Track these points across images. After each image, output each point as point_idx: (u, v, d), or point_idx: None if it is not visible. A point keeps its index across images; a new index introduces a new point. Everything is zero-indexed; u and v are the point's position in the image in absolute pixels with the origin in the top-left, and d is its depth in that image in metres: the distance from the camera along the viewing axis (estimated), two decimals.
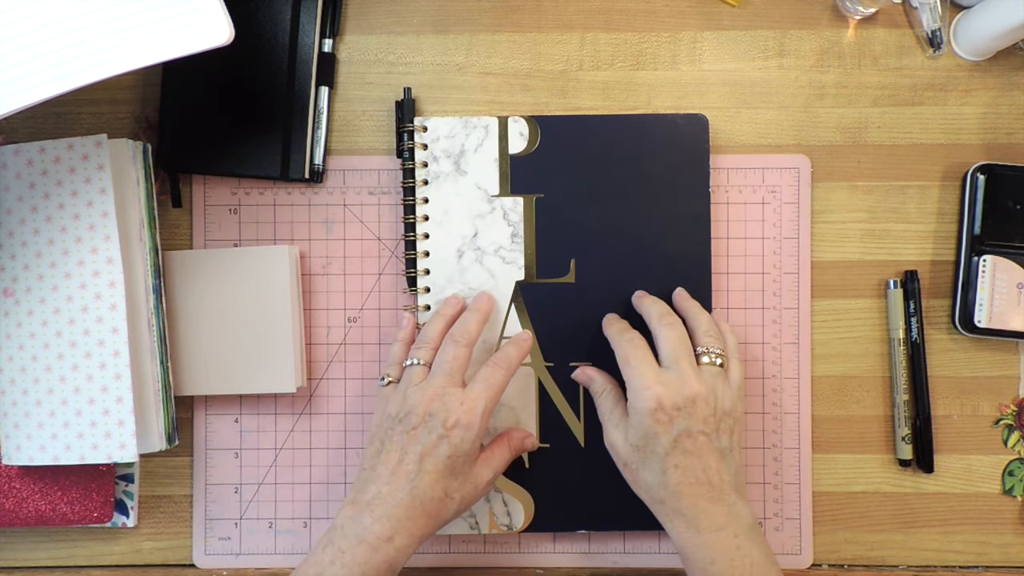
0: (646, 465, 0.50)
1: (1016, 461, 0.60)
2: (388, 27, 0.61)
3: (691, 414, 0.49)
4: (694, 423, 0.49)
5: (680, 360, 0.50)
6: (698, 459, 0.49)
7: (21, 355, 0.54)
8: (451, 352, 0.52)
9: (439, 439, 0.49)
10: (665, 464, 0.49)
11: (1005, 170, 0.58)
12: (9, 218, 0.54)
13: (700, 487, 0.49)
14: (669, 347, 0.51)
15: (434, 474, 0.49)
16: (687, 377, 0.50)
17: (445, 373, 0.51)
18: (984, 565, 0.60)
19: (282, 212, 0.60)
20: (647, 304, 0.54)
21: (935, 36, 0.59)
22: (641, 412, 0.50)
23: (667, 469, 0.49)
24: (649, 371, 0.50)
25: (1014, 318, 0.58)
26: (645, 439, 0.50)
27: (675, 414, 0.49)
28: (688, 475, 0.49)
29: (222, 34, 0.45)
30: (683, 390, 0.49)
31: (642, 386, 0.50)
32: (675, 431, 0.49)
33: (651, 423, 0.49)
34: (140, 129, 0.60)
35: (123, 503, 0.60)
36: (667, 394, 0.49)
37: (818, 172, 0.60)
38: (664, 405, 0.49)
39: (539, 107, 0.60)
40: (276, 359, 0.57)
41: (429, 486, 0.49)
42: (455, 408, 0.50)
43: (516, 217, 0.58)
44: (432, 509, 0.49)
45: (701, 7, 0.60)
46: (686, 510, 0.49)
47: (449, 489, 0.50)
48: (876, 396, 0.60)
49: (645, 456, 0.50)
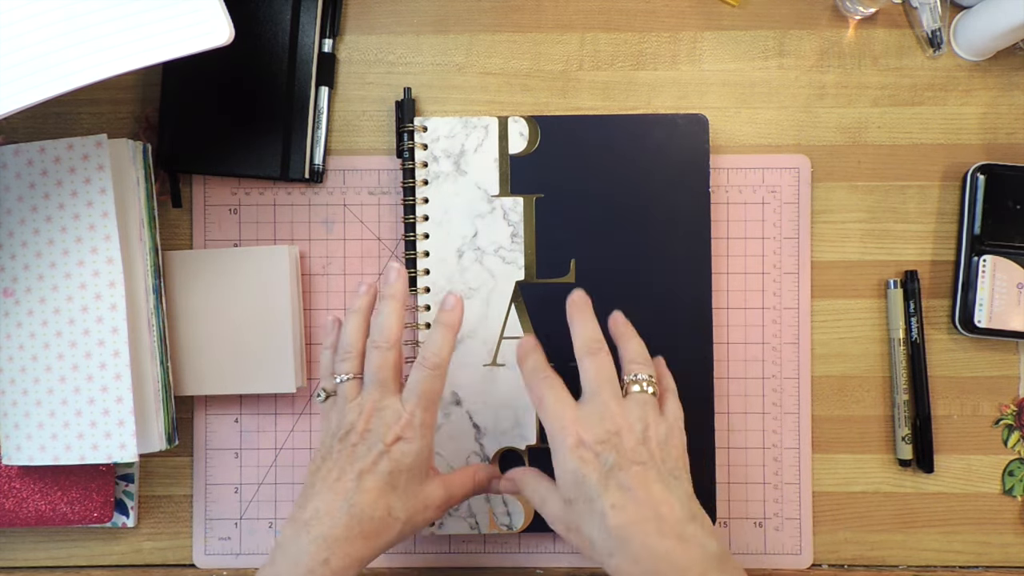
0: (584, 518, 0.44)
1: (1016, 461, 0.60)
2: (388, 27, 0.61)
3: (617, 446, 0.44)
4: (623, 455, 0.44)
5: (601, 391, 0.46)
6: (638, 491, 0.43)
7: (21, 355, 0.54)
8: (376, 360, 0.48)
9: (379, 455, 0.46)
10: (602, 506, 0.43)
11: (1005, 170, 0.58)
12: (9, 218, 0.54)
13: (648, 523, 0.42)
14: (589, 377, 0.47)
15: (374, 492, 0.46)
16: (608, 408, 0.45)
17: (376, 383, 0.48)
18: (984, 565, 0.60)
19: (282, 212, 0.60)
20: (574, 325, 0.50)
21: (935, 36, 0.59)
22: (563, 453, 0.45)
23: (605, 512, 0.43)
24: (565, 409, 0.46)
25: (1014, 318, 0.58)
26: (575, 485, 0.44)
27: (599, 448, 0.44)
28: (630, 512, 0.43)
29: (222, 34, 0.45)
30: (603, 423, 0.45)
31: (558, 426, 0.45)
32: (604, 467, 0.44)
33: (576, 463, 0.44)
34: (140, 129, 0.60)
35: (123, 503, 0.60)
36: (586, 428, 0.45)
37: (818, 172, 0.60)
38: (584, 440, 0.44)
39: (539, 107, 0.60)
40: (276, 359, 0.57)
41: (369, 504, 0.45)
42: (393, 422, 0.47)
43: (516, 217, 0.58)
44: (371, 529, 0.45)
45: (701, 7, 0.60)
46: (639, 555, 0.42)
47: (392, 508, 0.46)
48: (876, 396, 0.60)
49: (581, 508, 0.44)
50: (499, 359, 0.58)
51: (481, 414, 0.58)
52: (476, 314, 0.58)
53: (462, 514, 0.58)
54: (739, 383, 0.60)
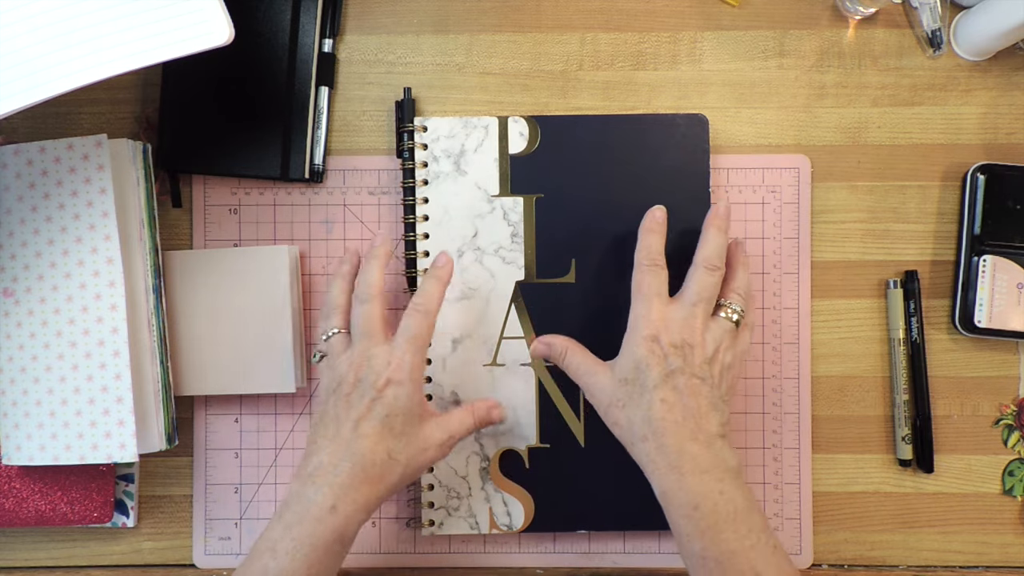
0: (632, 399, 0.49)
1: (1016, 461, 0.60)
2: (388, 27, 0.61)
3: (686, 357, 0.48)
4: (688, 366, 0.48)
5: (697, 304, 0.49)
6: (688, 398, 0.48)
7: (21, 355, 0.54)
8: (361, 312, 0.51)
9: (372, 401, 0.48)
10: (653, 397, 0.48)
11: (1005, 170, 0.58)
12: (9, 218, 0.54)
13: (686, 427, 0.47)
14: (693, 288, 0.50)
15: (372, 436, 0.47)
16: (694, 321, 0.49)
17: (363, 335, 0.50)
18: (984, 565, 0.60)
19: (282, 212, 0.60)
20: (708, 236, 0.52)
21: (935, 36, 0.59)
22: (637, 339, 0.49)
23: (654, 403, 0.48)
24: (657, 302, 0.50)
25: (1014, 318, 0.58)
26: (636, 370, 0.49)
27: (670, 351, 0.48)
28: (675, 412, 0.47)
29: (222, 34, 0.45)
30: (683, 331, 0.49)
31: (644, 314, 0.49)
32: (668, 367, 0.48)
33: (645, 353, 0.48)
34: (140, 129, 0.60)
35: (123, 503, 0.60)
36: (667, 329, 0.49)
37: (818, 172, 0.60)
38: (660, 338, 0.48)
39: (539, 107, 0.60)
40: (276, 359, 0.57)
41: (369, 449, 0.47)
42: (382, 368, 0.48)
43: (516, 217, 0.58)
44: (375, 473, 0.47)
45: (701, 7, 0.60)
46: (669, 448, 0.47)
47: (392, 451, 0.48)
48: (876, 396, 0.60)
49: (632, 391, 0.49)
50: (499, 359, 0.58)
51: None
52: (476, 314, 0.58)
53: (462, 514, 0.58)
54: (739, 383, 0.60)
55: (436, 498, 0.58)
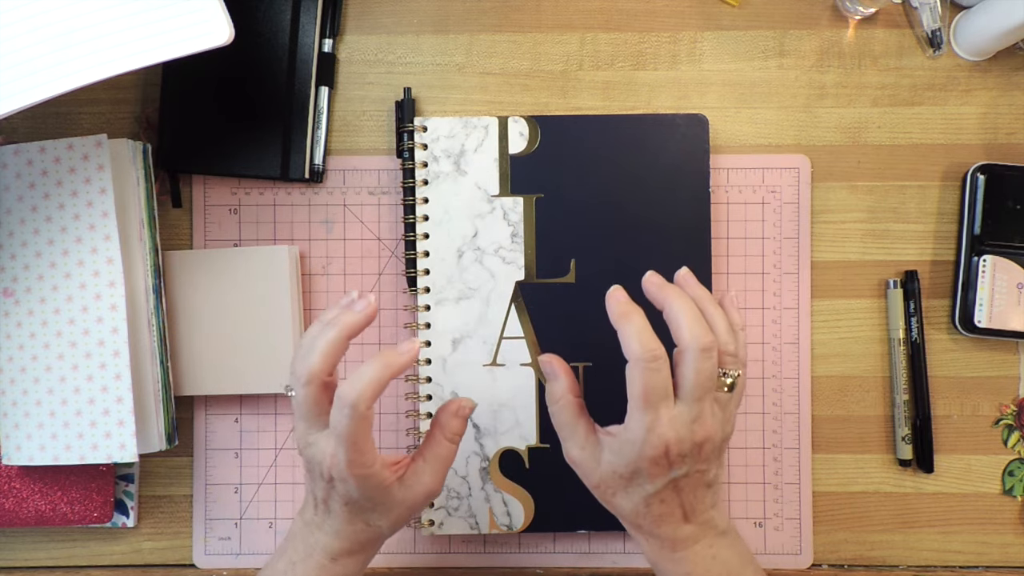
0: (626, 492, 0.45)
1: (1016, 461, 0.60)
2: (388, 27, 0.61)
3: (696, 457, 0.44)
4: (694, 465, 0.44)
5: (703, 399, 0.44)
6: (687, 495, 0.45)
7: (21, 355, 0.54)
8: (297, 396, 0.45)
9: (328, 489, 0.45)
10: (650, 499, 0.45)
11: (1005, 170, 0.58)
12: (9, 218, 0.54)
13: (681, 514, 0.45)
14: (696, 381, 0.43)
15: (343, 515, 0.46)
16: (703, 418, 0.44)
17: (301, 418, 0.46)
18: (984, 565, 0.60)
19: (282, 212, 0.60)
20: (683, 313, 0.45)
21: (935, 36, 0.59)
22: (640, 456, 0.44)
23: (651, 503, 0.45)
24: (664, 412, 0.43)
25: (1014, 318, 0.58)
26: (635, 474, 0.44)
27: (677, 460, 0.44)
28: (672, 508, 0.45)
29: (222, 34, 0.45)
30: (694, 433, 0.43)
31: (652, 431, 0.43)
32: (672, 475, 0.44)
33: (649, 466, 0.44)
34: (140, 129, 0.60)
35: (123, 503, 0.60)
36: (677, 440, 0.43)
37: (818, 172, 0.60)
38: (671, 452, 0.43)
39: (539, 107, 0.60)
40: (276, 359, 0.57)
41: (345, 523, 0.46)
42: (321, 460, 0.45)
43: (516, 217, 0.58)
44: (362, 538, 0.47)
45: (701, 7, 0.60)
46: (663, 535, 0.45)
47: (369, 521, 0.46)
48: (876, 396, 0.60)
49: (628, 487, 0.45)
50: (499, 359, 0.58)
51: (481, 414, 0.58)
52: (476, 314, 0.58)
53: (462, 514, 0.58)
54: None
55: (436, 498, 0.58)
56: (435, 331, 0.58)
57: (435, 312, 0.58)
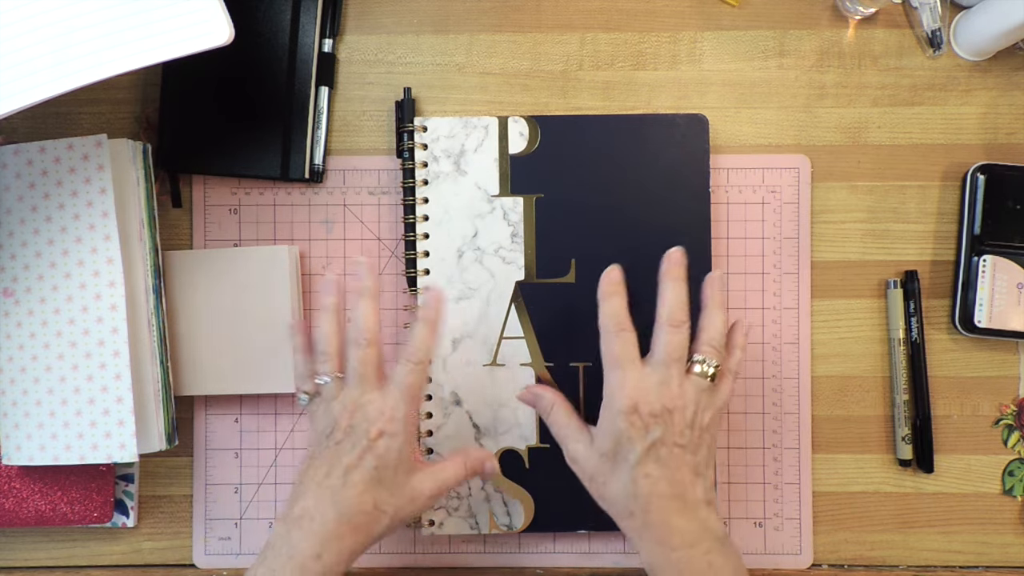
0: (615, 474, 0.47)
1: (1016, 461, 0.60)
2: (388, 27, 0.61)
3: (667, 423, 0.46)
4: (669, 434, 0.46)
5: (670, 366, 0.48)
6: (671, 471, 0.46)
7: (21, 355, 0.54)
8: (357, 357, 0.49)
9: (364, 451, 0.47)
10: (636, 473, 0.46)
11: (1005, 170, 0.58)
12: (9, 218, 0.54)
13: (671, 500, 0.46)
14: (664, 350, 0.48)
15: (360, 486, 0.47)
16: (670, 384, 0.47)
17: (358, 381, 0.49)
18: (984, 565, 0.60)
19: (282, 212, 0.60)
20: (665, 288, 0.50)
21: (935, 36, 0.59)
22: (615, 412, 0.47)
23: (637, 478, 0.46)
24: (631, 370, 0.47)
25: (1014, 318, 0.58)
26: (617, 444, 0.47)
27: (651, 421, 0.46)
28: (659, 486, 0.46)
29: (222, 34, 0.45)
30: (661, 397, 0.47)
31: (618, 385, 0.47)
32: (649, 438, 0.46)
33: (625, 426, 0.46)
34: (140, 129, 0.60)
35: (123, 503, 0.60)
36: (645, 398, 0.47)
37: (818, 172, 0.60)
38: (640, 409, 0.46)
39: (539, 107, 0.60)
40: (276, 359, 0.57)
41: (355, 499, 0.47)
42: (376, 418, 0.48)
43: (516, 217, 0.58)
44: (360, 523, 0.47)
45: (701, 7, 0.60)
46: (655, 524, 0.46)
47: (379, 501, 0.47)
48: (876, 396, 0.60)
49: (615, 464, 0.47)
50: (499, 359, 0.58)
51: (481, 414, 0.58)
52: (476, 314, 0.58)
53: (462, 514, 0.58)
54: (739, 383, 0.60)
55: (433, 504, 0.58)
56: None
57: None
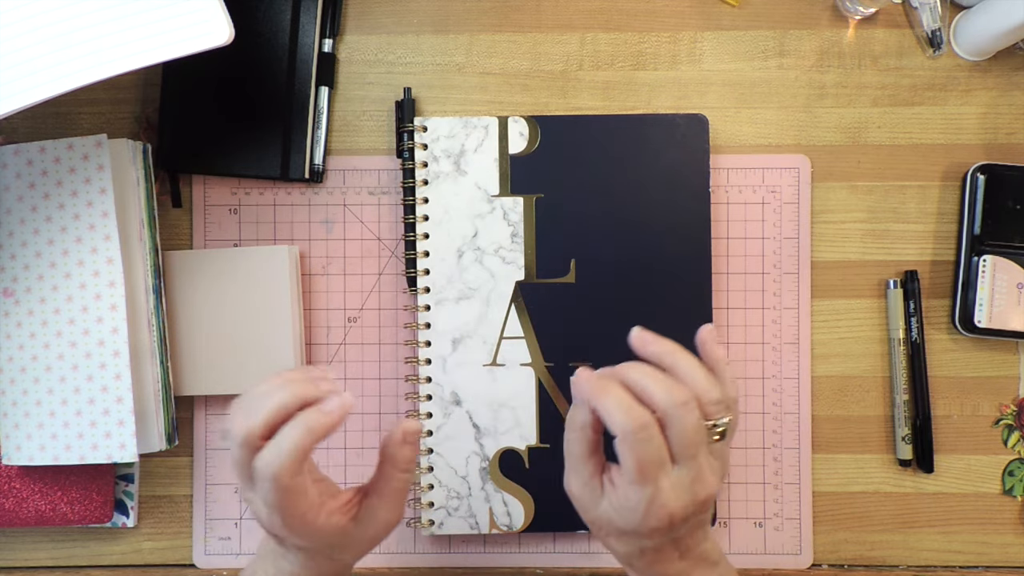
0: (621, 542, 0.43)
1: (1016, 461, 0.60)
2: (388, 27, 0.61)
3: (698, 513, 0.42)
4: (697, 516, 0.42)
5: (698, 456, 0.41)
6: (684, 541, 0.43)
7: (21, 355, 0.54)
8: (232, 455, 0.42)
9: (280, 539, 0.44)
10: (646, 551, 0.43)
11: (1005, 170, 0.58)
12: (9, 218, 0.54)
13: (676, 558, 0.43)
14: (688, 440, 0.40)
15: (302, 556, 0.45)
16: (704, 478, 0.41)
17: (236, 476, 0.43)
18: (984, 565, 0.60)
19: (282, 212, 0.60)
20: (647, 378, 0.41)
21: (935, 36, 0.59)
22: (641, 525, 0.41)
23: (646, 553, 0.43)
24: (665, 481, 0.40)
25: (1014, 318, 0.58)
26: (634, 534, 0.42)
27: (682, 523, 0.41)
28: (669, 554, 0.43)
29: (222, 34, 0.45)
30: (697, 496, 0.41)
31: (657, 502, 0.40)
32: (674, 535, 0.42)
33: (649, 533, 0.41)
34: (140, 129, 0.60)
35: (123, 503, 0.60)
36: (681, 507, 0.40)
37: (818, 172, 0.60)
38: (675, 520, 0.41)
39: (539, 107, 0.60)
40: (276, 359, 0.57)
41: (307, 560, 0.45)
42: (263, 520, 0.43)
43: (516, 217, 0.58)
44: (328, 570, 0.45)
45: (701, 7, 0.60)
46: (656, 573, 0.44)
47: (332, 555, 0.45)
48: (876, 396, 0.60)
49: (627, 539, 0.43)
50: (499, 359, 0.58)
51: (481, 414, 0.58)
52: (476, 314, 0.58)
53: (462, 514, 0.58)
54: (739, 383, 0.60)
55: (436, 498, 0.58)
56: (435, 331, 0.58)
57: (435, 312, 0.58)
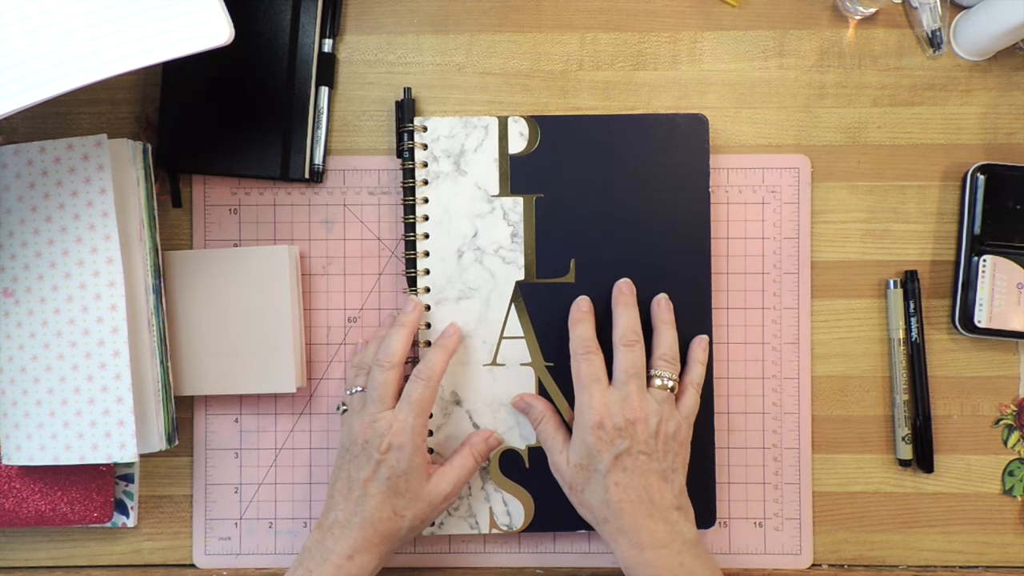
0: (589, 484, 0.52)
1: (1016, 461, 0.60)
2: (388, 27, 0.61)
3: (632, 435, 0.51)
4: (634, 444, 0.51)
5: (629, 382, 0.52)
6: (638, 477, 0.50)
7: (21, 355, 0.54)
8: (377, 378, 0.53)
9: (377, 464, 0.51)
10: (607, 482, 0.51)
11: (1005, 170, 0.58)
12: (9, 218, 0.54)
13: (641, 505, 0.50)
14: (621, 368, 0.53)
15: (378, 497, 0.51)
16: (631, 400, 0.51)
17: (375, 400, 0.53)
18: (984, 565, 0.60)
19: (282, 212, 0.60)
20: (617, 314, 0.55)
21: (935, 36, 0.59)
22: (584, 428, 0.51)
23: (608, 487, 0.51)
24: (597, 390, 0.52)
25: (1014, 318, 0.58)
26: (588, 456, 0.51)
27: (615, 434, 0.51)
28: (628, 492, 0.50)
29: (222, 34, 0.45)
30: (625, 412, 0.51)
31: (588, 404, 0.52)
32: (615, 450, 0.51)
33: (593, 440, 0.51)
34: (140, 129, 0.60)
35: (123, 503, 0.60)
36: (609, 414, 0.51)
37: (818, 172, 0.60)
38: (605, 424, 0.51)
39: (539, 107, 0.60)
40: (276, 359, 0.57)
41: (376, 508, 0.51)
42: (385, 431, 0.52)
43: (516, 217, 0.58)
44: (384, 529, 0.51)
45: (701, 7, 0.60)
46: (628, 528, 0.50)
47: (397, 508, 0.52)
48: (876, 396, 0.60)
49: (588, 475, 0.52)
50: (499, 359, 0.58)
51: (481, 414, 0.58)
52: (476, 314, 0.58)
53: (462, 514, 0.58)
54: (739, 383, 0.60)
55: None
56: (435, 331, 0.58)
57: (435, 312, 0.58)
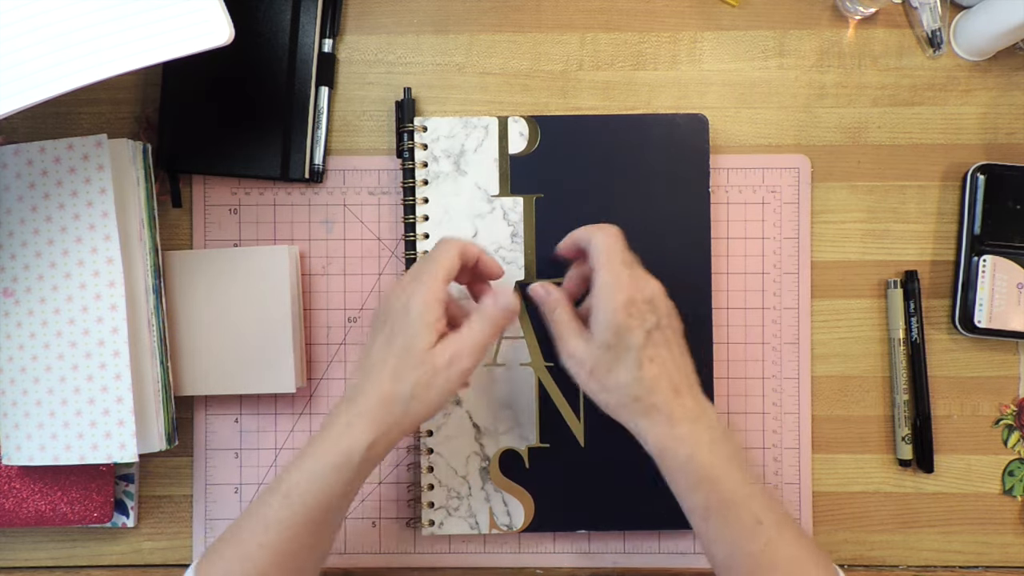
0: (619, 363, 0.49)
1: (1016, 461, 0.60)
2: (388, 27, 0.61)
3: (656, 309, 0.50)
4: (661, 318, 0.50)
5: (632, 264, 0.51)
6: (669, 351, 0.49)
7: (21, 355, 0.54)
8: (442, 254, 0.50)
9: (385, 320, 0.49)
10: (641, 357, 0.48)
11: (1005, 170, 0.58)
12: (9, 218, 0.54)
13: (673, 380, 0.49)
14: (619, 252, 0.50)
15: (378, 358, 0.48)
16: (644, 276, 0.50)
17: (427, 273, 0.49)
18: (984, 565, 0.60)
19: (282, 212, 0.60)
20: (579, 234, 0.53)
21: (935, 36, 0.59)
22: (614, 307, 0.49)
23: (643, 362, 0.48)
24: (622, 266, 0.50)
25: (1014, 318, 0.58)
26: (617, 335, 0.49)
27: (645, 308, 0.49)
28: (663, 368, 0.49)
29: (222, 34, 0.45)
30: (645, 288, 0.50)
31: (614, 280, 0.49)
32: (647, 324, 0.49)
33: (624, 317, 0.48)
34: (140, 129, 0.60)
35: (123, 503, 0.60)
36: (637, 289, 0.49)
37: (818, 172, 0.60)
38: (635, 299, 0.49)
39: (539, 107, 0.60)
40: (276, 359, 0.57)
41: (376, 369, 0.48)
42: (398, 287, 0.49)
43: (516, 217, 0.58)
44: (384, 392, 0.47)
45: (701, 7, 0.60)
46: (660, 405, 0.48)
47: (398, 370, 0.47)
48: (876, 396, 0.60)
49: (618, 353, 0.49)
50: (499, 359, 0.58)
51: (481, 414, 0.58)
52: None
53: (462, 514, 0.58)
54: (739, 383, 0.60)
55: (436, 498, 0.58)
56: None
57: None
